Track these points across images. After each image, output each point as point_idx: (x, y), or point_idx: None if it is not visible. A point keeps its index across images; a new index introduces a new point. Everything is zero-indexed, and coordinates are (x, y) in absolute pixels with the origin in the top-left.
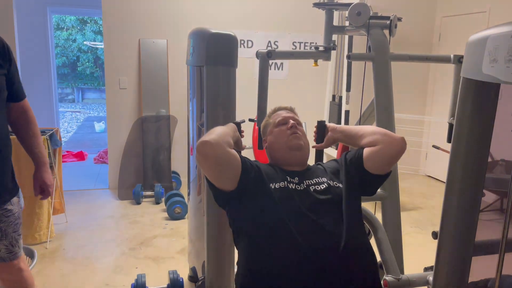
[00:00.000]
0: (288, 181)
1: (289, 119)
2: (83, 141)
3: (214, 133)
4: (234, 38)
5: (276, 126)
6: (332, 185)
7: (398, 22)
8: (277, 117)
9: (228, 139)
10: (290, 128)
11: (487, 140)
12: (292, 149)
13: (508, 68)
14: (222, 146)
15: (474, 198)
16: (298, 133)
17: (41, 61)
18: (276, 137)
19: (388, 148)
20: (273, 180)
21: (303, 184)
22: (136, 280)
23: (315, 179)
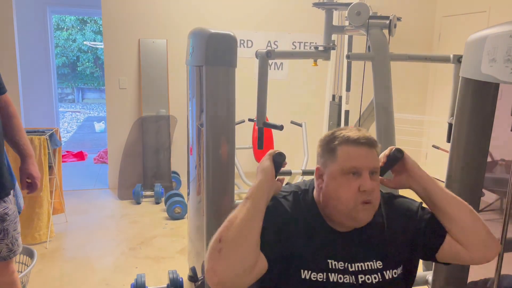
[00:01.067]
0: (329, 269)
1: (364, 172)
2: (83, 141)
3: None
4: (233, 38)
5: (343, 172)
6: (387, 279)
7: (397, 22)
8: (349, 160)
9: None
10: (364, 192)
11: (486, 140)
12: (357, 221)
13: (507, 68)
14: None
15: (474, 198)
16: (372, 202)
17: (41, 61)
18: (341, 193)
19: (476, 258)
20: (307, 265)
21: (349, 271)
22: (136, 279)
23: (368, 263)
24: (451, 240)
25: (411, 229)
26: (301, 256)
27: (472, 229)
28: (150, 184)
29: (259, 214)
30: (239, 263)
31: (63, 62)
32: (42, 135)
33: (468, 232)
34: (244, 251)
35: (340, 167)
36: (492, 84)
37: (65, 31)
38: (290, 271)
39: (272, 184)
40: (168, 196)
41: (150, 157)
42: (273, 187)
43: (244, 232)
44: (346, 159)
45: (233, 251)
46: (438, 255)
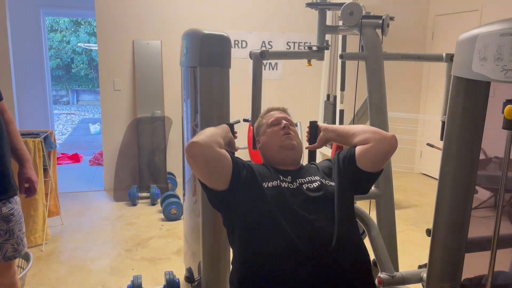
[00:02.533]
0: (281, 180)
1: (281, 120)
2: (78, 143)
3: (203, 134)
4: (227, 39)
5: (269, 126)
6: (324, 183)
7: (390, 21)
8: (270, 118)
9: (217, 139)
10: (283, 128)
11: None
12: (285, 148)
13: (497, 66)
14: (211, 146)
15: (467, 195)
16: (291, 133)
17: (35, 63)
18: (269, 138)
19: (379, 146)
20: (266, 179)
21: (296, 182)
22: (132, 281)
23: (308, 178)
24: (360, 147)
25: (333, 160)
26: (260, 174)
27: (367, 130)
28: (146, 186)
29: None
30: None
31: (57, 64)
32: (37, 137)
33: (365, 133)
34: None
35: (266, 123)
36: (483, 83)
37: (59, 33)
38: (254, 183)
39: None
40: (164, 197)
41: (146, 158)
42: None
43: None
44: (269, 118)
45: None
46: (358, 162)
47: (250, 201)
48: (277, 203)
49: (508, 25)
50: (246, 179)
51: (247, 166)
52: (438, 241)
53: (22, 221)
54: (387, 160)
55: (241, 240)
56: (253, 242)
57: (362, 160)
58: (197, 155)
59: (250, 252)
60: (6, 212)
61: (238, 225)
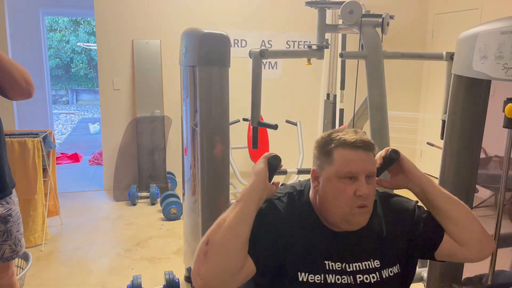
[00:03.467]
0: (327, 270)
1: (361, 177)
2: (78, 143)
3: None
4: (226, 38)
5: (339, 177)
6: (384, 278)
7: (390, 20)
8: (345, 164)
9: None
10: (360, 196)
11: (478, 136)
12: (352, 225)
13: (498, 65)
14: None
15: (467, 194)
16: (368, 206)
17: (34, 63)
18: (336, 196)
19: (473, 256)
20: (304, 267)
21: (346, 271)
22: (132, 281)
23: (365, 263)
24: (449, 238)
25: (408, 228)
26: (297, 258)
27: (468, 227)
28: (146, 185)
29: (248, 217)
30: (224, 268)
31: (56, 64)
32: (36, 137)
33: (464, 230)
34: (230, 255)
35: (336, 171)
36: (484, 81)
37: (58, 33)
38: (287, 274)
39: (265, 187)
40: (163, 197)
41: (145, 158)
42: (266, 190)
43: (232, 235)
44: (343, 163)
45: (219, 255)
46: (436, 253)
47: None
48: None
49: (508, 23)
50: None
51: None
52: None
53: (20, 221)
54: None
55: None
56: None
57: (442, 256)
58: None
59: None
60: (3, 213)
61: None
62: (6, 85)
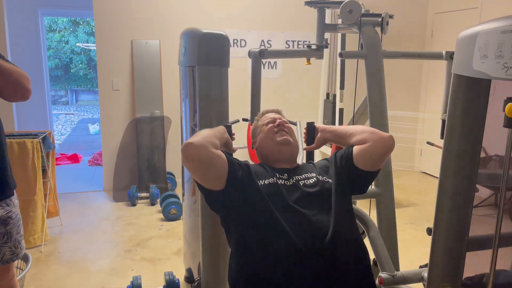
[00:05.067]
0: (277, 177)
1: (276, 119)
2: (78, 144)
3: (199, 135)
4: (225, 38)
5: (264, 125)
6: (321, 180)
7: (390, 19)
8: (265, 119)
9: (213, 140)
10: (278, 125)
11: (479, 136)
12: (280, 144)
13: (498, 64)
14: (205, 147)
15: (467, 194)
16: (285, 130)
17: (33, 63)
18: (265, 135)
19: (376, 146)
20: (262, 177)
21: (292, 179)
22: (132, 282)
23: (304, 175)
24: (358, 147)
25: (331, 158)
26: (256, 172)
27: (365, 131)
28: (145, 186)
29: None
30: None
31: (56, 64)
32: (35, 138)
33: (363, 133)
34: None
35: (262, 124)
36: (484, 80)
37: (58, 33)
38: (249, 181)
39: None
40: (163, 197)
41: (145, 158)
42: (225, 134)
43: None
44: (264, 119)
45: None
46: (355, 161)
47: (246, 200)
48: (273, 200)
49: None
50: (242, 178)
51: (243, 165)
52: (439, 240)
53: (20, 223)
54: (384, 160)
55: (238, 239)
56: (250, 240)
57: (360, 159)
58: (192, 156)
59: (248, 250)
60: (3, 215)
61: (235, 224)
62: (1, 88)
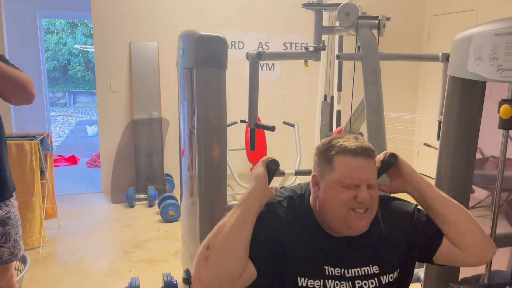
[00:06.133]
0: (326, 275)
1: (362, 185)
2: (76, 145)
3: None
4: (223, 40)
5: (341, 184)
6: (383, 284)
7: (386, 22)
8: (347, 173)
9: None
10: (359, 203)
11: (474, 137)
12: (352, 230)
13: (492, 66)
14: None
15: (463, 195)
16: (369, 210)
17: (31, 65)
18: (336, 202)
19: (473, 261)
20: (305, 273)
21: (345, 277)
22: (130, 283)
23: (364, 268)
24: (448, 242)
25: (407, 232)
26: (297, 263)
27: (468, 232)
28: (143, 187)
29: (249, 222)
30: (225, 273)
31: (54, 66)
32: (33, 139)
33: (465, 235)
34: (231, 260)
35: (337, 178)
36: (479, 82)
37: (56, 35)
38: (287, 279)
39: (265, 191)
40: (161, 198)
41: (143, 160)
42: (266, 194)
43: (232, 240)
44: (344, 171)
45: (219, 259)
46: (435, 257)
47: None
48: None
49: (503, 24)
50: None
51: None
52: None
53: (19, 224)
54: None
55: None
56: None
57: (441, 260)
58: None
59: None
60: (2, 216)
61: None
62: (6, 93)
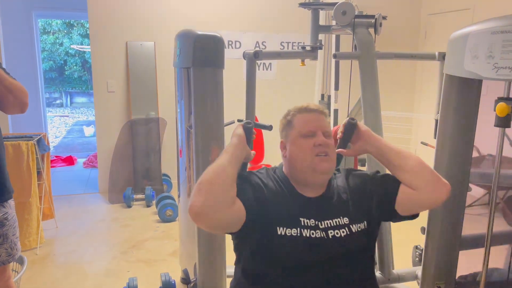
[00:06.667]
0: (302, 225)
1: (318, 131)
2: (73, 146)
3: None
4: (220, 39)
5: (301, 136)
6: (353, 232)
7: (383, 21)
8: (304, 125)
9: (226, 194)
10: (319, 146)
11: (471, 135)
12: (317, 172)
13: (488, 64)
14: (219, 212)
15: (460, 193)
16: (329, 154)
17: (27, 65)
18: (300, 151)
19: (429, 197)
20: (283, 223)
21: (319, 227)
22: (128, 283)
23: (335, 220)
24: (405, 188)
25: (369, 187)
26: (276, 214)
27: (420, 172)
28: (141, 187)
29: (234, 162)
30: (215, 200)
31: (50, 66)
32: (30, 140)
33: (417, 175)
34: (220, 188)
35: (297, 131)
36: (475, 81)
37: (52, 35)
38: (267, 229)
39: (245, 147)
40: (159, 198)
41: (140, 160)
42: (245, 149)
43: (220, 172)
44: (302, 124)
45: (211, 187)
46: (397, 205)
47: (262, 247)
48: (290, 257)
49: (499, 23)
50: (259, 223)
51: (262, 201)
52: (432, 239)
53: (16, 225)
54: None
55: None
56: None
57: (404, 208)
58: (205, 225)
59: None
60: (0, 217)
61: (248, 260)
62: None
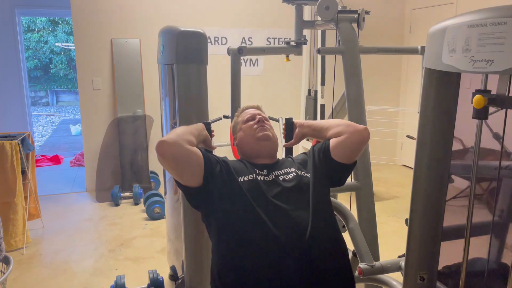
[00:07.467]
0: (257, 173)
1: (256, 115)
2: (59, 145)
3: (174, 132)
4: (203, 35)
5: (244, 122)
6: (300, 174)
7: (366, 15)
8: (245, 115)
9: (188, 137)
10: (257, 122)
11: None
12: (260, 139)
13: (465, 58)
14: (179, 144)
15: (441, 185)
16: (265, 126)
17: (11, 64)
18: (245, 132)
19: (352, 137)
20: (241, 173)
21: (272, 175)
22: (116, 281)
23: (284, 170)
24: (334, 139)
25: (310, 152)
26: (236, 170)
27: (342, 124)
28: (129, 185)
29: (196, 135)
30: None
31: (35, 65)
32: (14, 139)
33: (340, 126)
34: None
35: (242, 121)
36: (454, 74)
37: (36, 33)
38: (229, 178)
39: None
40: (147, 196)
41: (128, 158)
42: (204, 131)
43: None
44: (244, 115)
45: (174, 132)
46: (332, 153)
47: (225, 196)
48: (253, 196)
49: (475, 16)
50: (220, 174)
51: (221, 162)
52: (415, 231)
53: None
54: (361, 151)
55: (219, 234)
56: (232, 235)
57: (336, 152)
58: (165, 154)
59: (228, 244)
60: None
61: (216, 220)
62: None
